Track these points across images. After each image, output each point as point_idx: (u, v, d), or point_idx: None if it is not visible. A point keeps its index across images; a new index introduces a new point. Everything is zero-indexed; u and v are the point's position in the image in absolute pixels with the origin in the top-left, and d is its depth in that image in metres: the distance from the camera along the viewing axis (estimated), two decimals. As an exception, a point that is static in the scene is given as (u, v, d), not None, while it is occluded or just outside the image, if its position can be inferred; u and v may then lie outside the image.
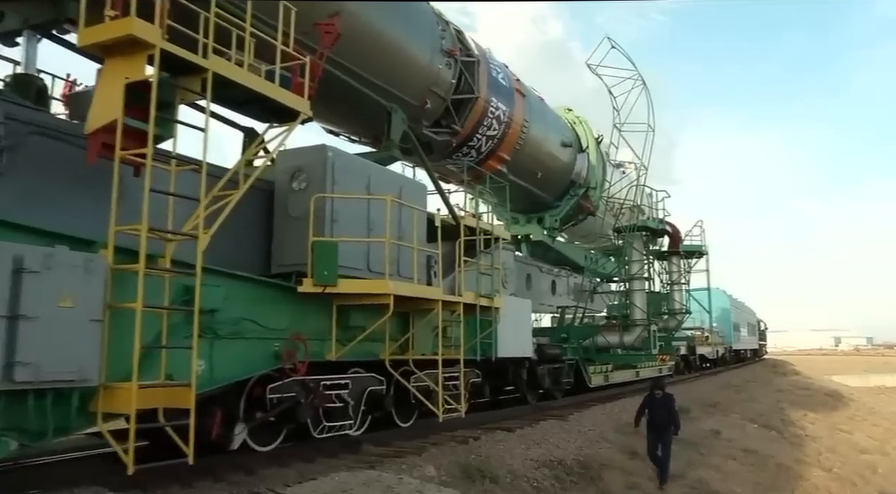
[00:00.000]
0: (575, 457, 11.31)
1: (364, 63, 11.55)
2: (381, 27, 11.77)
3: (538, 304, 19.30)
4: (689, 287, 26.62)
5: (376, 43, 11.69)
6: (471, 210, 21.34)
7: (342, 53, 11.12)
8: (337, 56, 11.09)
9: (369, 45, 11.56)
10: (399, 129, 11.71)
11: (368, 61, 11.64)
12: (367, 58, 11.60)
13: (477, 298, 11.46)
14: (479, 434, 11.77)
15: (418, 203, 11.44)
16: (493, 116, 15.33)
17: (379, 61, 11.83)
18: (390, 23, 12.00)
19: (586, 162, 20.55)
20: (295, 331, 9.11)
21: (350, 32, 11.19)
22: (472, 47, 14.86)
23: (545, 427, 13.29)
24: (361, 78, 11.49)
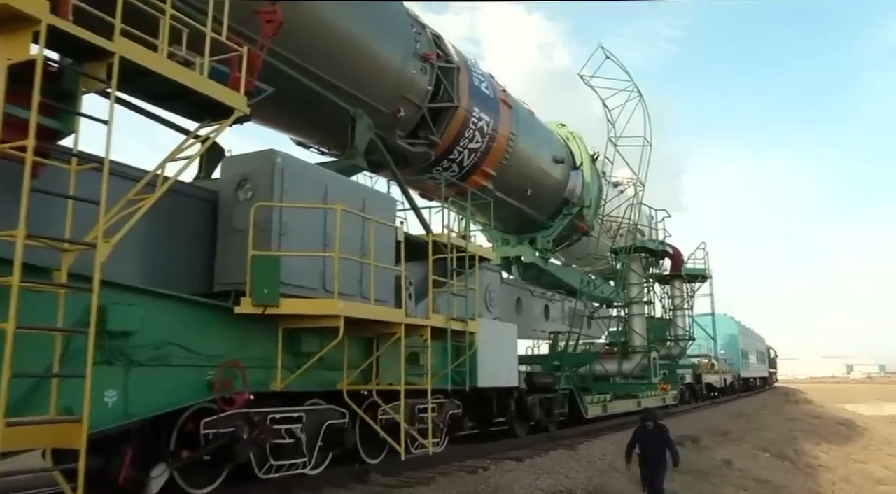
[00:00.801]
0: (584, 487, 10.84)
1: (325, 64, 10.61)
2: (343, 24, 10.84)
3: (529, 330, 18.18)
4: (693, 312, 25.46)
5: (338, 42, 10.76)
6: (458, 230, 20.47)
7: (299, 52, 10.19)
8: (294, 55, 10.17)
9: (330, 44, 10.63)
10: (365, 137, 10.71)
11: (330, 62, 10.70)
12: (328, 58, 10.66)
13: (448, 322, 10.36)
14: (488, 463, 11.74)
15: (386, 217, 10.44)
16: (476, 128, 14.35)
17: (342, 62, 10.89)
18: (354, 20, 11.07)
19: (580, 179, 19.53)
20: (234, 358, 8.05)
21: (308, 29, 10.28)
22: (452, 53, 13.92)
23: (554, 456, 13.03)
24: (322, 80, 10.53)
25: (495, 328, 13.24)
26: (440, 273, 11.09)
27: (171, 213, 8.66)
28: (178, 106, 7.57)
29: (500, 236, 19.93)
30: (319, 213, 9.13)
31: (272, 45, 9.89)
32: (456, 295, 10.84)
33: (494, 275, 15.23)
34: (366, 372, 10.01)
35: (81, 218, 6.14)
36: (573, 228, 19.42)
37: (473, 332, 11.08)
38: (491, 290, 14.88)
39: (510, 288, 17.08)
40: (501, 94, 15.65)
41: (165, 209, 8.59)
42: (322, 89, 10.34)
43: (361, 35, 11.20)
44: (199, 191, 9.13)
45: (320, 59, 10.54)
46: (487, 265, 14.92)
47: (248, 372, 8.14)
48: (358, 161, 10.60)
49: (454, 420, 12.63)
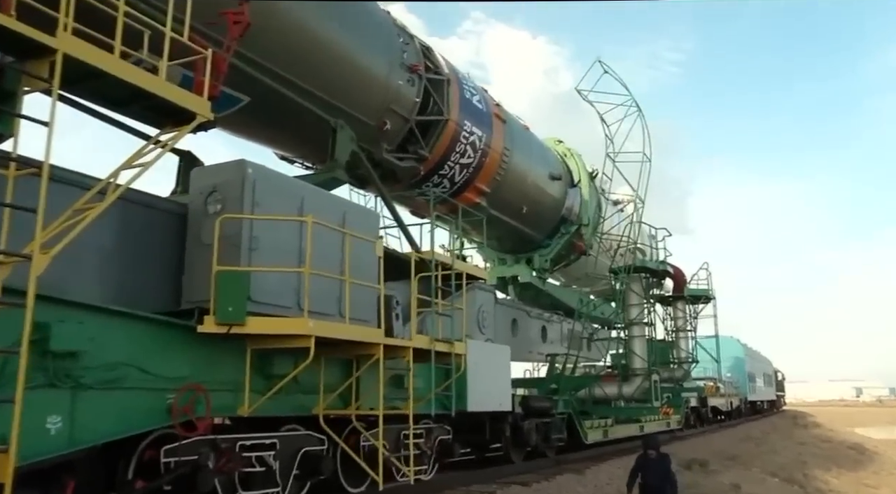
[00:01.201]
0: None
1: (304, 72, 10.17)
2: (323, 31, 10.42)
3: (526, 352, 17.60)
4: (696, 334, 24.82)
5: (318, 49, 10.33)
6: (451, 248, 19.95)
7: (276, 60, 9.76)
8: (271, 63, 9.75)
9: (310, 52, 10.21)
10: (346, 149, 10.26)
11: (309, 70, 10.27)
12: (307, 66, 10.23)
13: (431, 343, 9.80)
14: (495, 489, 11.60)
15: (369, 233, 9.94)
16: (467, 142, 13.88)
17: (322, 71, 10.46)
18: (336, 28, 10.66)
19: (578, 197, 19.02)
20: (198, 380, 7.51)
21: (285, 36, 9.86)
22: (442, 65, 13.49)
23: (561, 481, 12.88)
24: (301, 89, 10.10)
25: (487, 350, 12.69)
26: (429, 292, 10.60)
27: (138, 227, 8.20)
28: (136, 110, 7.10)
29: (496, 256, 19.41)
30: (294, 228, 8.64)
31: (248, 53, 9.51)
32: (441, 315, 10.29)
33: (487, 295, 14.70)
34: (347, 396, 9.48)
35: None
36: (571, 247, 18.89)
37: (460, 354, 10.51)
38: (483, 311, 14.34)
39: (505, 309, 16.52)
40: (495, 109, 15.20)
41: (131, 223, 8.17)
42: (301, 99, 9.89)
43: (343, 43, 10.78)
44: (167, 203, 8.66)
45: (299, 67, 10.10)
46: (480, 285, 14.41)
47: (213, 395, 7.61)
48: (338, 174, 10.12)
49: (443, 447, 12.03)
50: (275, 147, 11.76)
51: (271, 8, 9.72)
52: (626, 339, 19.10)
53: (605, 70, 18.40)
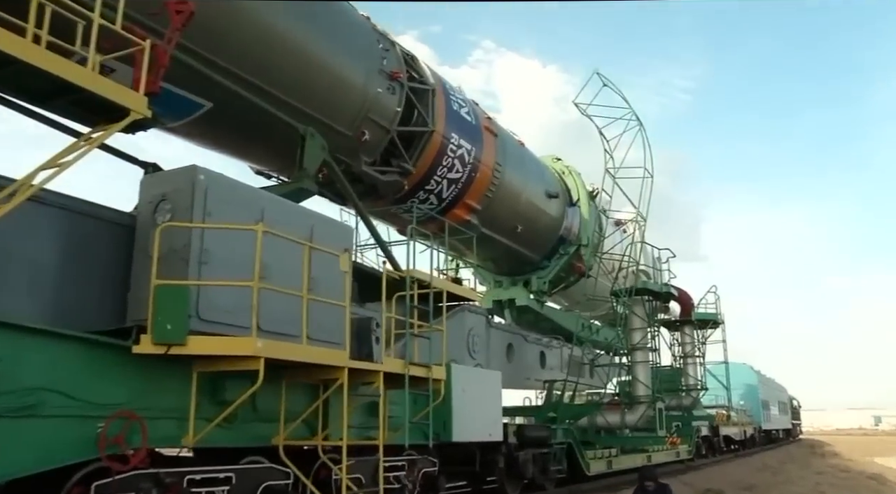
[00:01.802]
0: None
1: (271, 76, 9.52)
2: (293, 33, 9.79)
3: (523, 379, 16.72)
4: (705, 360, 23.85)
5: (287, 52, 9.69)
6: (446, 269, 19.16)
7: (240, 63, 9.12)
8: (236, 67, 9.11)
9: (277, 54, 9.56)
10: (316, 158, 9.56)
11: (277, 75, 9.62)
12: (274, 70, 9.58)
13: (405, 367, 8.98)
14: None
15: (340, 247, 9.22)
16: (455, 156, 13.17)
17: (291, 75, 9.81)
18: (308, 30, 10.03)
19: (577, 216, 18.25)
20: (136, 407, 6.75)
21: (249, 37, 9.22)
22: (427, 74, 12.84)
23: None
24: (268, 95, 9.44)
25: (474, 375, 11.88)
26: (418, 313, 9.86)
27: (79, 239, 7.53)
28: (63, 106, 6.43)
29: (492, 278, 18.62)
30: (253, 240, 7.92)
31: (212, 56, 8.89)
32: (417, 336, 9.49)
33: (478, 318, 13.90)
34: (315, 424, 8.67)
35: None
36: (571, 269, 18.07)
37: (439, 379, 9.68)
38: (474, 334, 13.53)
39: (500, 333, 15.69)
40: (485, 122, 14.52)
41: (71, 234, 7.49)
42: (268, 105, 9.22)
43: (316, 47, 10.14)
44: (112, 213, 7.95)
45: (266, 71, 9.46)
46: (470, 307, 13.64)
47: (154, 423, 6.84)
48: (306, 184, 9.42)
49: (428, 480, 11.18)
50: (244, 158, 11.08)
51: (237, 8, 9.11)
52: (629, 365, 18.16)
53: (605, 83, 17.72)
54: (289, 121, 9.35)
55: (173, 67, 8.50)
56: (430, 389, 9.19)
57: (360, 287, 10.71)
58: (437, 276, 13.01)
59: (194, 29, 8.59)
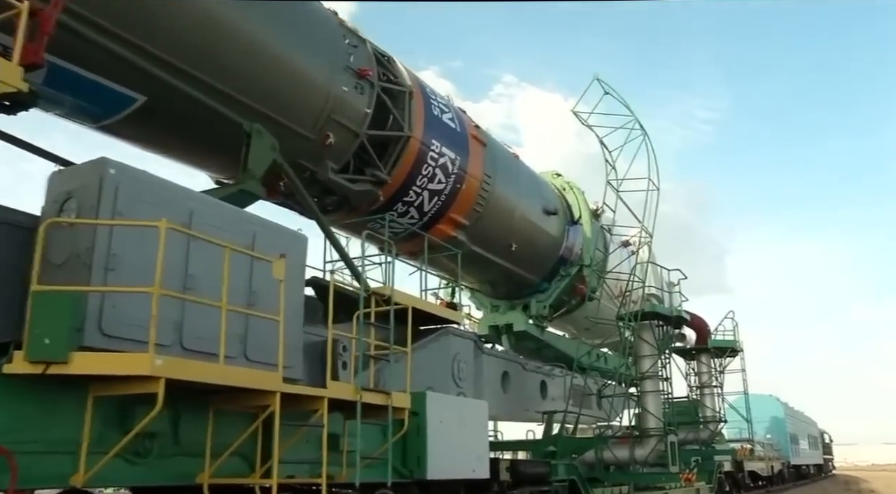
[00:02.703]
0: None
1: (217, 69, 8.55)
2: (242, 22, 8.80)
3: (521, 410, 15.43)
4: (724, 390, 22.35)
5: (236, 42, 8.70)
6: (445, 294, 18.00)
7: (182, 53, 8.15)
8: (174, 57, 8.14)
9: (225, 45, 8.58)
10: (264, 159, 8.52)
11: (224, 67, 8.64)
12: (221, 62, 8.61)
13: (357, 393, 7.76)
14: None
15: (293, 257, 8.15)
16: (436, 164, 12.10)
17: (240, 68, 8.82)
18: (260, 19, 9.04)
19: (579, 235, 17.06)
20: (11, 439, 5.63)
21: (191, 25, 8.26)
22: (404, 75, 11.83)
23: None
24: (212, 89, 8.45)
25: (455, 405, 10.66)
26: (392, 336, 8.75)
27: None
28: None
29: (488, 302, 17.42)
30: (179, 246, 6.87)
31: (146, 45, 7.93)
32: (373, 356, 8.30)
33: (465, 343, 12.69)
34: (254, 458, 7.50)
35: None
36: (573, 291, 16.82)
37: (403, 408, 8.47)
38: (460, 360, 12.32)
39: (493, 361, 14.45)
40: (472, 130, 13.44)
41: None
42: (207, 98, 8.21)
43: (269, 38, 9.15)
44: (12, 215, 6.93)
45: (207, 60, 8.47)
46: (456, 330, 12.46)
47: (34, 459, 5.73)
48: (250, 186, 8.36)
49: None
50: (187, 161, 10.02)
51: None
52: (638, 396, 16.80)
53: (606, 91, 16.58)
54: (231, 117, 8.32)
55: (99, 57, 7.60)
56: (390, 419, 7.97)
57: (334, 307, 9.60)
58: (424, 298, 11.93)
59: (122, 11, 7.69)
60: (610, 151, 16.69)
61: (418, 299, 10.66)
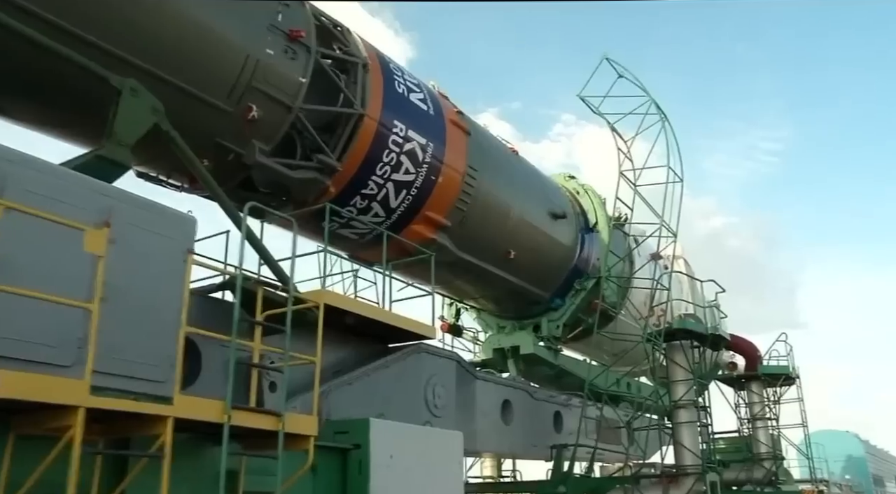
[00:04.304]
0: None
1: (90, 19, 6.89)
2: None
3: (528, 445, 13.19)
4: (779, 423, 19.66)
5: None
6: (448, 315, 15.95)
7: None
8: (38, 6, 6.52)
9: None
10: (138, 122, 6.76)
11: (100, 17, 6.98)
12: (96, 11, 6.95)
13: (224, 413, 5.74)
14: None
15: (174, 243, 6.36)
16: (401, 150, 10.21)
17: (121, 18, 7.14)
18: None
19: (597, 244, 14.89)
20: None
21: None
22: (358, 45, 10.06)
23: None
24: (85, 42, 6.78)
25: (414, 436, 8.58)
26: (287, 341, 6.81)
27: None
28: None
29: (495, 322, 15.33)
30: (74, 242, 5.20)
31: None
32: (255, 366, 6.31)
33: (444, 364, 10.63)
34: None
35: None
36: (590, 308, 14.57)
37: (308, 436, 6.41)
38: (436, 384, 10.26)
39: (491, 387, 12.32)
40: (452, 115, 11.54)
41: None
42: (80, 57, 6.52)
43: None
44: None
45: (81, 10, 6.82)
46: (432, 347, 10.46)
47: None
48: (113, 153, 6.57)
49: None
50: (48, 130, 8.23)
51: None
52: (671, 428, 14.38)
53: (620, 73, 14.42)
54: (97, 71, 6.58)
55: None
56: (279, 449, 5.95)
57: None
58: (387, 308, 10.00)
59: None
60: (623, 139, 14.48)
61: (345, 298, 8.71)
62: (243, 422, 5.76)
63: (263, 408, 6.05)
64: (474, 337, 15.63)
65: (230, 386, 5.71)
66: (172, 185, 9.54)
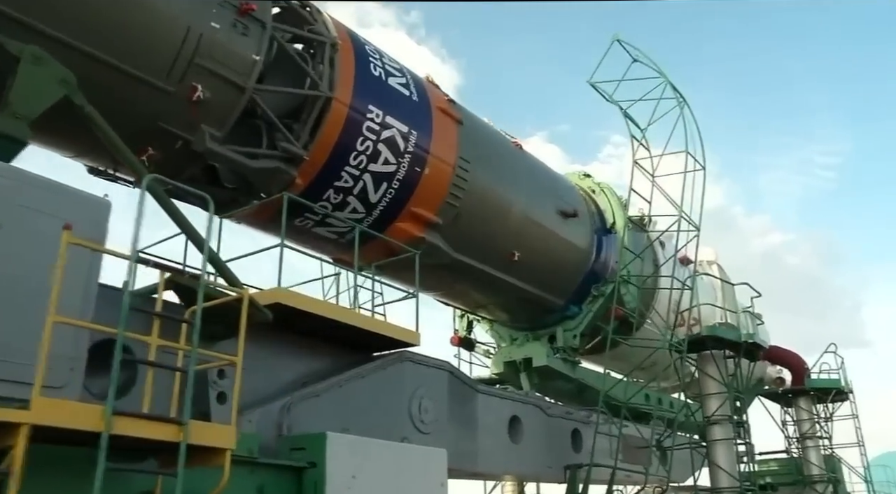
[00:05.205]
0: None
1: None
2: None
3: (542, 467, 11.97)
4: (832, 443, 18.06)
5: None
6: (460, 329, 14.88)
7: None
8: None
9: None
10: (42, 94, 5.95)
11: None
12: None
13: (103, 419, 4.72)
14: None
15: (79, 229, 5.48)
16: (377, 138, 9.27)
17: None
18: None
19: (615, 246, 13.70)
20: None
21: None
22: (327, 24, 9.19)
23: None
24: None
25: (384, 454, 7.52)
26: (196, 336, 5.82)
27: None
28: None
29: (507, 334, 14.20)
30: None
31: None
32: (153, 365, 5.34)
33: (433, 374, 9.57)
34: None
35: None
36: (609, 315, 13.32)
37: (223, 450, 5.39)
38: (423, 397, 9.19)
39: (496, 402, 11.17)
40: (441, 102, 10.57)
41: None
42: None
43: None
44: None
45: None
46: (417, 356, 9.42)
47: None
48: (6, 126, 5.74)
49: None
50: None
51: None
52: (705, 446, 13.03)
53: (635, 58, 13.22)
54: None
55: None
56: (180, 467, 4.95)
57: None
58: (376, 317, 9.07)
59: None
60: (638, 125, 13.25)
61: (309, 299, 7.71)
62: (129, 431, 4.77)
63: (161, 416, 5.09)
64: (486, 351, 14.52)
65: (112, 391, 4.74)
66: (123, 180, 8.76)
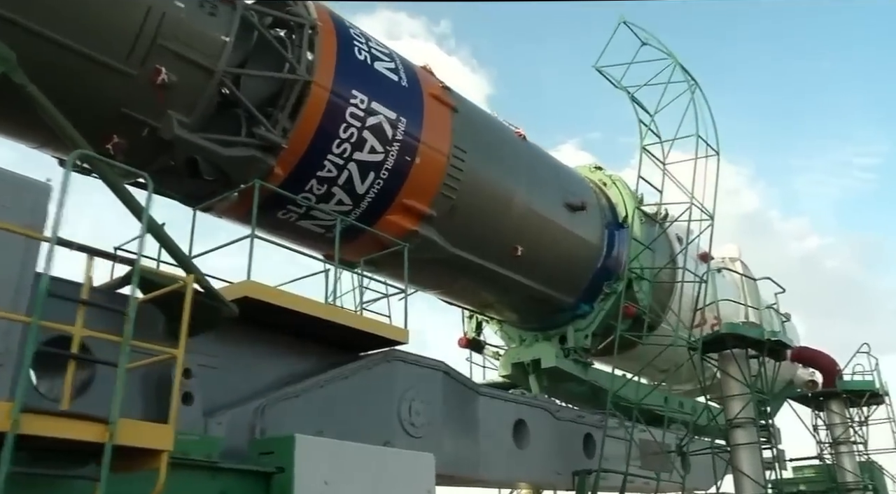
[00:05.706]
0: None
1: None
2: None
3: (551, 473, 11.36)
4: (868, 448, 17.09)
5: None
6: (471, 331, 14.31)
7: None
8: None
9: None
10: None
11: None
12: None
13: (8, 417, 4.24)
14: None
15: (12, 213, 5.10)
16: (363, 125, 8.78)
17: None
18: None
19: (627, 240, 13.04)
20: None
21: None
22: (309, 7, 8.74)
23: None
24: None
25: (361, 459, 6.98)
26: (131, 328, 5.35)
27: None
28: None
29: (517, 335, 13.60)
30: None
31: None
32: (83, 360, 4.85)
33: (425, 374, 9.04)
34: None
35: None
36: (623, 313, 12.64)
37: (158, 450, 4.89)
38: (413, 399, 8.66)
39: (499, 404, 10.61)
40: (434, 89, 10.06)
41: None
42: None
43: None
44: None
45: None
46: (408, 355, 8.91)
47: None
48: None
49: None
50: None
51: None
52: (728, 451, 12.28)
53: (644, 41, 12.58)
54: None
55: None
56: (104, 469, 4.46)
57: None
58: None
59: None
60: (647, 110, 12.58)
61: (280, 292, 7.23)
62: (42, 431, 4.30)
63: (84, 414, 4.63)
64: (496, 353, 13.94)
65: (21, 387, 4.27)
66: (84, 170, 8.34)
